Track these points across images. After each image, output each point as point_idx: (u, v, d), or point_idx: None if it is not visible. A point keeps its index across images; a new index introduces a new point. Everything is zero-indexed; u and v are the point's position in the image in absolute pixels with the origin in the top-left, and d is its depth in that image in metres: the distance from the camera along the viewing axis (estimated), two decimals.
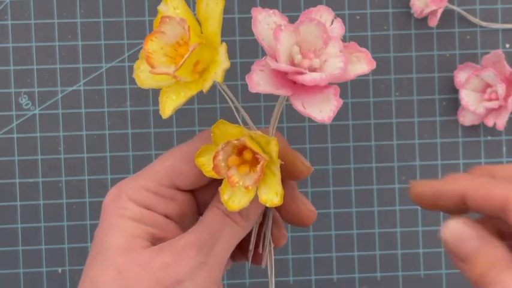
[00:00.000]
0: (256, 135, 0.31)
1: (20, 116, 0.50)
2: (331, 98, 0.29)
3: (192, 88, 0.29)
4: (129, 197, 0.32)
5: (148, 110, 0.50)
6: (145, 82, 0.31)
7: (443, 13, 0.50)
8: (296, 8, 0.51)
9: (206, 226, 0.32)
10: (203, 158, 0.32)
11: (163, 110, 0.30)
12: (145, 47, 0.29)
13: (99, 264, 0.31)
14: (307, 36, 0.29)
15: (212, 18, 0.30)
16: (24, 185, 0.50)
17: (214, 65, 0.29)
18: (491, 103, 0.49)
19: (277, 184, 0.31)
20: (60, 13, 0.50)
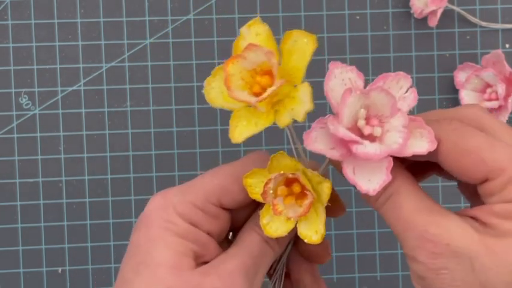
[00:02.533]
0: (311, 175, 0.32)
1: (20, 116, 0.50)
2: (383, 170, 0.29)
3: (264, 119, 0.30)
4: (177, 211, 0.32)
5: (148, 110, 0.50)
6: (215, 100, 0.31)
7: (443, 13, 0.50)
8: (296, 8, 0.51)
9: (249, 251, 0.32)
10: (252, 180, 0.32)
11: (233, 134, 0.30)
12: (227, 69, 0.29)
13: (148, 280, 0.31)
14: (376, 102, 0.29)
15: (299, 55, 0.30)
16: (25, 185, 0.50)
17: (291, 101, 0.29)
18: (491, 103, 0.49)
19: (319, 223, 0.32)
20: (61, 13, 0.50)
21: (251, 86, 0.30)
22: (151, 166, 0.50)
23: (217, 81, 0.30)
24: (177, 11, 0.51)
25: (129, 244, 0.33)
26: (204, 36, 0.51)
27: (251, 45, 0.29)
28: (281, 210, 0.32)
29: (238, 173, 0.33)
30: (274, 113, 0.30)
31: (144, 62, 0.51)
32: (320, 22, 0.51)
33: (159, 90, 0.51)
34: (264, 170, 0.33)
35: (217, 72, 0.31)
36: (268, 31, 0.30)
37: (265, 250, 0.33)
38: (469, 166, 0.29)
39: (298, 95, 0.29)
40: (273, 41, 0.31)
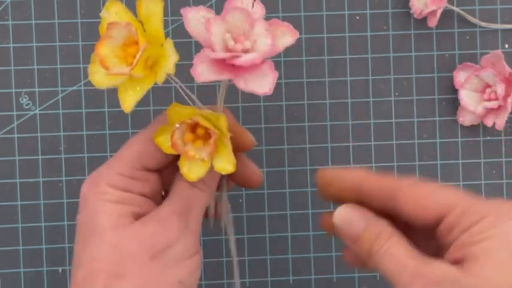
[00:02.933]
0: (207, 114, 0.35)
1: (21, 116, 0.50)
2: (268, 72, 0.32)
3: (147, 82, 0.33)
4: (108, 183, 0.35)
5: (148, 110, 0.51)
6: (101, 83, 0.34)
7: (443, 13, 0.50)
8: (296, 8, 0.51)
9: (179, 197, 0.36)
10: (161, 138, 0.36)
11: (125, 105, 0.33)
12: (98, 52, 0.33)
13: (95, 243, 0.34)
14: (235, 23, 0.33)
15: (153, 17, 0.33)
16: (25, 185, 0.50)
17: (163, 59, 0.33)
18: (491, 103, 0.49)
19: (229, 154, 0.36)
20: (61, 13, 0.50)
21: (126, 59, 0.33)
22: None
23: (98, 66, 0.33)
24: (177, 11, 0.51)
25: (76, 226, 0.36)
26: None
27: (110, 24, 0.33)
28: (193, 154, 0.35)
29: (152, 135, 0.36)
30: (155, 75, 0.33)
31: None
32: (320, 22, 0.51)
33: (159, 90, 0.51)
34: (168, 126, 0.36)
35: (95, 58, 0.34)
36: (123, 7, 0.34)
37: (194, 193, 0.37)
38: (424, 206, 0.33)
39: (165, 52, 0.33)
40: (130, 14, 0.34)
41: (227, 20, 0.33)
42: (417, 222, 0.34)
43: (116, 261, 0.34)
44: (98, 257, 0.34)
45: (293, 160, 0.51)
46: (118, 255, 0.34)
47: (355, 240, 0.35)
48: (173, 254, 0.35)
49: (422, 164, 0.51)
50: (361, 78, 0.51)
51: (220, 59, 0.32)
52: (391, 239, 0.34)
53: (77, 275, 0.35)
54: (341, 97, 0.51)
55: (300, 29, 0.51)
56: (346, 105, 0.51)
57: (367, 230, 0.35)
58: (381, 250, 0.33)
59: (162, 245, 0.34)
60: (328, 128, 0.51)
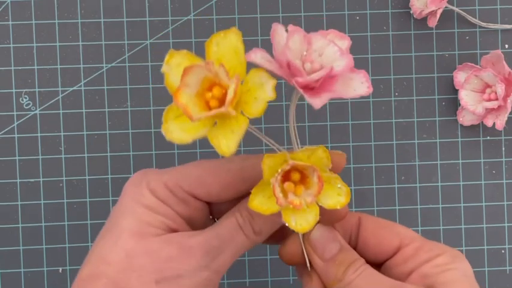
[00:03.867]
0: (298, 154, 0.32)
1: (21, 116, 0.50)
2: (349, 76, 0.30)
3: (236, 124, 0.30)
4: (149, 186, 0.34)
5: (148, 110, 0.51)
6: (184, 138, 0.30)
7: (443, 13, 0.50)
8: (296, 8, 0.51)
9: (218, 233, 0.33)
10: (256, 201, 0.32)
11: (223, 151, 0.29)
12: (179, 101, 0.29)
13: (110, 244, 0.33)
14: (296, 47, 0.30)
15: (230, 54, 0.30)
16: (25, 185, 0.50)
17: (249, 93, 0.30)
18: (491, 103, 0.49)
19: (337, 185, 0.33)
20: (61, 14, 0.50)
21: (206, 106, 0.30)
22: (151, 166, 0.50)
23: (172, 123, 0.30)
24: (177, 11, 0.51)
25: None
26: (204, 36, 0.51)
27: (187, 69, 0.29)
28: (299, 202, 0.32)
29: (220, 172, 0.34)
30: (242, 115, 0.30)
31: (144, 62, 0.51)
32: (320, 22, 0.51)
33: (159, 90, 0.51)
34: (259, 185, 0.32)
35: (167, 116, 0.30)
36: (185, 54, 0.30)
37: (236, 236, 0.34)
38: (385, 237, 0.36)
39: (253, 83, 0.30)
40: (197, 58, 0.31)
41: (290, 46, 0.30)
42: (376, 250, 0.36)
43: (121, 272, 0.32)
44: (106, 260, 0.33)
45: None
46: (126, 266, 0.32)
47: (327, 259, 0.35)
48: (180, 286, 0.32)
49: (422, 164, 0.51)
50: None
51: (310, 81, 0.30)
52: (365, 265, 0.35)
53: (82, 270, 0.34)
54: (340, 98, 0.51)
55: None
56: (346, 106, 0.51)
57: (342, 253, 0.35)
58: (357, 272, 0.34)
59: (172, 273, 0.32)
60: (328, 128, 0.51)
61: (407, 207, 0.51)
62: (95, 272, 0.33)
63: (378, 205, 0.51)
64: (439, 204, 0.51)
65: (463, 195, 0.51)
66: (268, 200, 0.32)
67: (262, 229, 0.35)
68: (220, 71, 0.29)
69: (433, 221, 0.51)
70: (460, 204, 0.51)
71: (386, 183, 0.51)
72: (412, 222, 0.51)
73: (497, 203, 0.52)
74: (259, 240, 0.35)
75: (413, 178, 0.51)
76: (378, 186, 0.51)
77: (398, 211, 0.51)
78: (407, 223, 0.51)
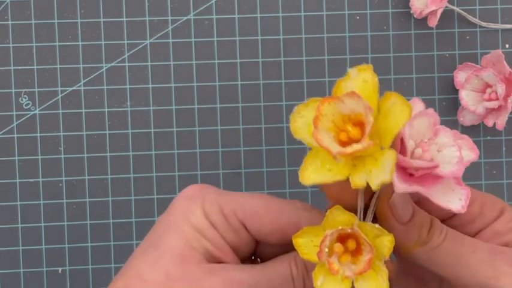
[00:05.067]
0: (366, 226, 0.31)
1: (21, 116, 0.50)
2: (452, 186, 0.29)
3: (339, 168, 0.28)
4: (203, 205, 0.32)
5: (148, 110, 0.51)
6: (299, 131, 0.29)
7: (443, 13, 0.50)
8: (296, 8, 0.51)
9: (268, 277, 0.32)
10: (302, 240, 0.31)
11: (303, 174, 0.28)
12: (321, 107, 0.28)
13: (151, 261, 0.31)
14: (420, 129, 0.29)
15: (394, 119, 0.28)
16: (25, 185, 0.50)
17: (372, 162, 0.28)
18: (491, 103, 0.49)
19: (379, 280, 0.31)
20: (61, 13, 0.50)
21: (338, 132, 0.28)
22: (152, 166, 0.50)
23: (308, 112, 0.29)
24: (177, 11, 0.51)
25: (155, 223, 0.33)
26: (204, 36, 0.51)
27: (354, 94, 0.28)
28: (338, 269, 0.30)
29: (278, 212, 0.32)
30: (351, 167, 0.28)
31: (144, 62, 0.51)
32: (320, 22, 0.51)
33: (159, 90, 0.51)
34: (314, 228, 0.31)
35: (311, 103, 0.29)
36: (375, 83, 0.29)
37: (287, 285, 0.32)
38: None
39: (382, 160, 0.28)
40: (376, 95, 0.29)
41: (413, 125, 0.29)
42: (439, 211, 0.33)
43: None
44: (144, 277, 0.31)
45: (293, 160, 0.51)
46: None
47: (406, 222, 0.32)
48: None
49: None
50: None
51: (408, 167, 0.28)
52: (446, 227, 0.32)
53: (117, 281, 0.32)
54: None
55: (300, 29, 0.51)
56: None
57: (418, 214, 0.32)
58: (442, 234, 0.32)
59: None
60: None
61: None
62: (130, 286, 0.31)
63: None
64: None
65: None
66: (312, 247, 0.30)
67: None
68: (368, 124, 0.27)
69: None
70: None
71: None
72: None
73: None
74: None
75: None
76: None
77: None
78: None
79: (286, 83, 0.51)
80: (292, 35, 0.51)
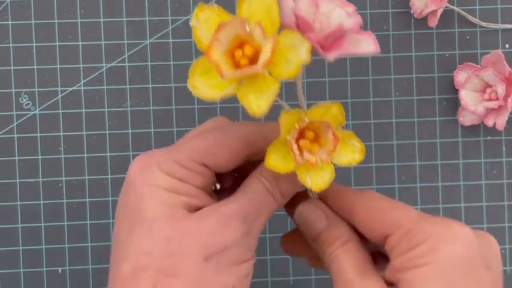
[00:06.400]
0: (312, 111, 0.32)
1: (21, 116, 0.50)
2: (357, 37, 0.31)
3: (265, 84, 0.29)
4: (162, 168, 0.33)
5: (148, 110, 0.51)
6: (211, 95, 0.30)
7: (443, 13, 0.50)
8: None
9: (251, 200, 0.33)
10: (273, 159, 0.32)
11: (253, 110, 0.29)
12: (212, 58, 0.29)
13: (144, 234, 0.32)
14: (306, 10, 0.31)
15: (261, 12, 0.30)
16: (25, 185, 0.50)
17: (280, 55, 0.29)
18: (491, 103, 0.49)
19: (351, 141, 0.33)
20: (61, 13, 0.50)
21: (233, 64, 0.30)
22: None
23: (198, 79, 0.30)
24: (177, 11, 0.51)
25: (117, 209, 0.34)
26: None
27: (222, 25, 0.29)
28: (315, 160, 0.32)
29: (226, 140, 0.34)
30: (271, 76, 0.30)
31: (144, 62, 0.51)
32: None
33: (159, 90, 0.51)
34: (275, 143, 0.32)
35: (194, 71, 0.30)
36: (216, 10, 0.30)
37: (268, 200, 0.34)
38: (374, 223, 0.34)
39: (285, 44, 0.29)
40: (227, 15, 0.30)
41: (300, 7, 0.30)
42: (370, 239, 0.34)
43: (167, 258, 0.31)
44: (148, 251, 0.31)
45: None
46: (170, 252, 0.31)
47: (313, 239, 0.35)
48: (229, 257, 0.32)
49: (422, 164, 0.51)
50: (361, 78, 0.51)
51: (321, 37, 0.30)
52: (345, 245, 0.34)
53: (122, 269, 0.32)
54: (341, 97, 0.51)
55: None
56: (346, 105, 0.51)
57: (325, 232, 0.35)
58: (332, 255, 0.34)
59: (218, 246, 0.32)
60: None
61: None
62: (138, 266, 0.31)
63: None
64: (439, 204, 0.51)
65: (463, 195, 0.51)
66: (284, 159, 0.32)
67: (288, 191, 0.35)
68: (257, 30, 0.29)
69: None
70: (460, 204, 0.51)
71: (387, 183, 0.51)
72: None
73: (497, 203, 0.51)
74: (283, 202, 0.35)
75: (414, 178, 0.51)
76: (378, 186, 0.51)
77: None
78: None
79: (286, 83, 0.51)
80: None
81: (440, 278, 0.31)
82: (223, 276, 0.32)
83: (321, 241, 0.35)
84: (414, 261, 0.31)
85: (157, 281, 0.31)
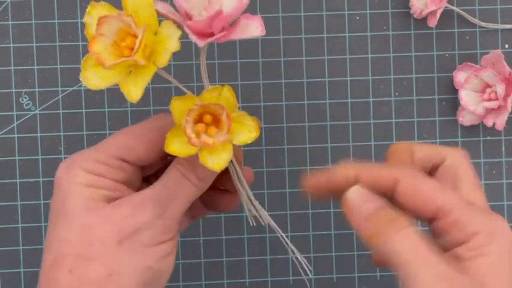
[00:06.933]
0: (205, 95, 0.34)
1: (21, 116, 0.50)
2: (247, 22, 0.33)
3: (146, 72, 0.32)
4: (81, 167, 0.35)
5: (148, 110, 0.51)
6: (99, 84, 0.33)
7: (443, 13, 0.50)
8: (296, 8, 0.51)
9: (165, 184, 0.36)
10: (173, 145, 0.34)
11: (131, 97, 0.32)
12: (92, 50, 0.32)
13: (64, 225, 0.34)
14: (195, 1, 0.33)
15: (142, 7, 0.33)
16: (25, 185, 0.50)
17: (160, 45, 0.32)
18: (491, 103, 0.49)
19: (246, 122, 0.35)
20: (61, 13, 0.50)
21: (121, 54, 0.32)
22: None
23: (90, 71, 0.33)
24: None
25: (49, 212, 0.36)
26: None
27: (102, 18, 0.32)
28: (213, 142, 0.33)
29: (141, 131, 0.36)
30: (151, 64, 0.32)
31: None
32: (320, 22, 0.51)
33: (159, 90, 0.51)
34: (173, 130, 0.34)
35: (86, 64, 0.33)
36: (106, 6, 0.33)
37: (183, 183, 0.36)
38: (421, 204, 0.34)
39: (163, 34, 0.32)
40: (116, 10, 0.33)
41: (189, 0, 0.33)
42: (413, 216, 0.35)
43: (83, 244, 0.34)
44: (66, 239, 0.34)
45: (293, 160, 0.51)
46: (86, 238, 0.34)
47: (365, 218, 0.34)
48: (142, 239, 0.34)
49: None
50: (361, 78, 0.51)
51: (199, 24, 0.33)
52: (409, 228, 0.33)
53: (46, 259, 0.35)
54: (341, 97, 0.51)
55: (300, 29, 0.51)
56: (346, 105, 0.51)
57: (382, 210, 0.34)
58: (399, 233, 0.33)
59: (131, 229, 0.34)
60: (328, 128, 0.51)
61: None
62: (59, 254, 0.34)
63: None
64: None
65: None
66: (185, 144, 0.34)
67: (205, 175, 0.36)
68: (130, 21, 0.31)
69: None
70: None
71: None
72: None
73: (497, 203, 0.52)
74: (205, 185, 0.37)
75: None
76: None
77: None
78: None
79: (286, 83, 0.51)
80: (292, 35, 0.51)
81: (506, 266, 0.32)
82: (138, 257, 0.34)
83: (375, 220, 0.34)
84: (475, 251, 0.32)
85: (74, 266, 0.33)
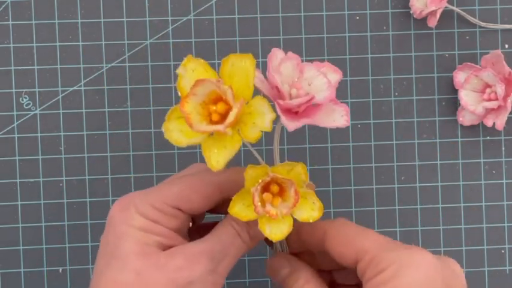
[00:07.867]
0: (278, 167, 0.35)
1: (21, 116, 0.50)
2: (332, 107, 0.33)
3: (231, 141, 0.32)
4: (137, 210, 0.36)
5: (148, 110, 0.51)
6: (179, 141, 0.33)
7: (443, 13, 0.50)
8: (296, 8, 0.51)
9: (219, 240, 0.36)
10: (236, 208, 0.35)
11: (211, 164, 0.32)
12: (184, 109, 0.32)
13: (118, 268, 0.34)
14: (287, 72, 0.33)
15: (240, 75, 0.32)
16: (25, 185, 0.50)
17: (249, 117, 0.32)
18: (491, 103, 0.49)
19: (310, 199, 0.35)
20: (61, 14, 0.50)
21: (207, 117, 0.32)
22: (152, 166, 0.50)
23: (173, 123, 0.33)
24: (177, 11, 0.51)
25: (100, 246, 0.37)
26: (204, 36, 0.51)
27: (198, 81, 0.32)
28: (276, 213, 0.34)
29: (201, 186, 0.37)
30: (238, 134, 0.32)
31: (144, 62, 0.51)
32: (320, 22, 0.51)
33: (159, 90, 0.51)
34: (240, 193, 0.35)
35: (171, 115, 0.33)
36: (202, 63, 0.33)
37: (236, 241, 0.37)
38: (344, 250, 0.36)
39: (255, 109, 0.32)
40: (211, 70, 0.33)
41: (281, 71, 0.33)
42: (343, 265, 0.37)
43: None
44: (118, 282, 0.34)
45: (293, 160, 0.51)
46: (141, 283, 0.34)
47: (281, 283, 0.38)
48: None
49: (422, 164, 0.51)
50: (361, 78, 0.51)
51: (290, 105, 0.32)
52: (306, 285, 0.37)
53: None
54: (341, 97, 0.51)
55: (300, 29, 0.51)
56: None
57: (289, 276, 0.38)
58: None
59: (184, 281, 0.34)
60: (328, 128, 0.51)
61: (407, 207, 0.51)
62: None
63: (378, 205, 0.51)
64: (439, 204, 0.51)
65: (463, 195, 0.51)
66: (247, 208, 0.35)
67: (256, 234, 0.37)
68: (228, 93, 0.31)
69: (433, 221, 0.51)
70: (460, 204, 0.51)
71: (386, 183, 0.51)
72: (412, 222, 0.51)
73: (497, 203, 0.52)
74: (253, 244, 0.38)
75: (413, 178, 0.51)
76: (377, 186, 0.51)
77: (398, 211, 0.51)
78: (407, 223, 0.51)
79: None
80: (292, 35, 0.51)
81: None
82: None
83: (287, 285, 0.38)
84: (380, 287, 0.33)
85: None
